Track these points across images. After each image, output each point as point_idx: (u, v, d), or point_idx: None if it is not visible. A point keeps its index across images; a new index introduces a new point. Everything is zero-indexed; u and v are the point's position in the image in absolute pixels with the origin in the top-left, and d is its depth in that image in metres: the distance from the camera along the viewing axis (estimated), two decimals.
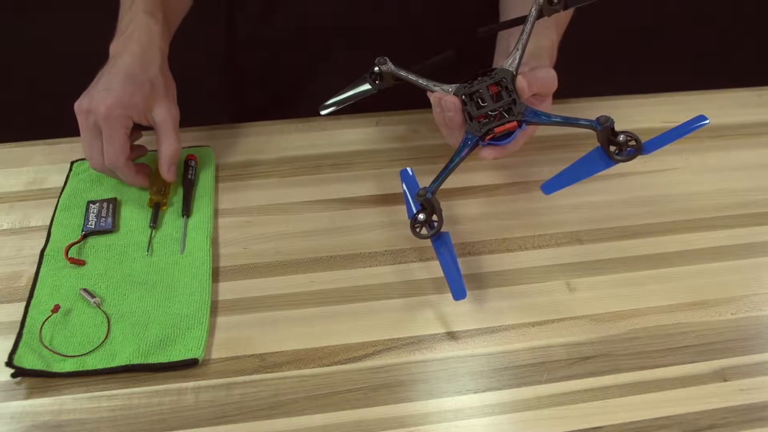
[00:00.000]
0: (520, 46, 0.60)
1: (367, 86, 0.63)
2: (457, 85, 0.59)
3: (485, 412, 0.50)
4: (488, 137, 0.59)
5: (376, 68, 0.61)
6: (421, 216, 0.57)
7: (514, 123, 0.58)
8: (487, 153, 0.60)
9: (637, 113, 0.79)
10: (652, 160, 0.72)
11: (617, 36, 1.50)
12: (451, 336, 0.55)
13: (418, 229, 0.57)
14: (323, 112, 0.64)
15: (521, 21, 0.61)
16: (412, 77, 0.61)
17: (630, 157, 0.55)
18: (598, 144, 0.56)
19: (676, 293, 0.59)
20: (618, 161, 0.56)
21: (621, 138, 0.55)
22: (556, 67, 0.66)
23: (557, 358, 0.53)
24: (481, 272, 0.60)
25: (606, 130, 0.55)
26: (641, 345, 0.54)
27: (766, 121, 0.79)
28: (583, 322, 0.56)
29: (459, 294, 0.54)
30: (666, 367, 0.53)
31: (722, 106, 0.80)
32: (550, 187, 0.57)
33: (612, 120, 0.55)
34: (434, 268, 0.60)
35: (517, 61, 0.59)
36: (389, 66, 0.61)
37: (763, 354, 0.54)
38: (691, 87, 0.83)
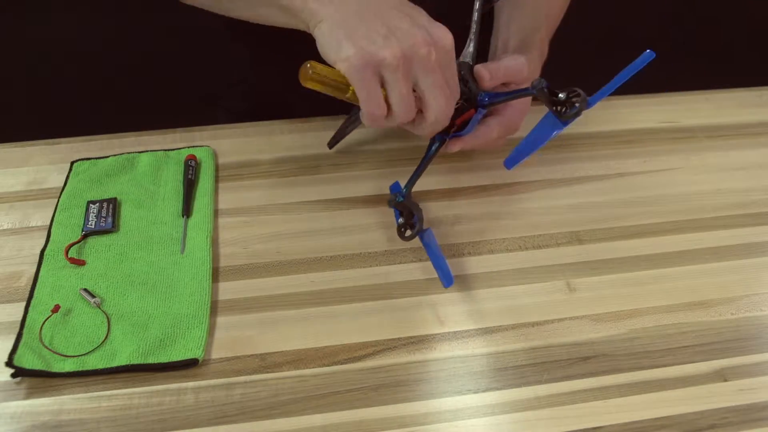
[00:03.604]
0: (473, 36, 0.61)
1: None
2: None
3: (485, 412, 0.50)
4: (452, 130, 0.60)
5: None
6: (401, 220, 0.59)
7: (471, 111, 0.59)
8: (452, 145, 0.61)
9: (637, 113, 0.79)
10: (653, 160, 0.73)
11: (617, 36, 1.50)
12: (451, 336, 0.55)
13: (403, 232, 0.59)
14: (332, 147, 0.70)
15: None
16: None
17: (577, 112, 0.54)
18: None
19: (676, 293, 0.59)
20: (566, 119, 0.55)
21: (561, 96, 0.55)
22: (556, 66, 0.66)
23: (557, 358, 0.53)
24: (481, 272, 0.60)
25: (542, 93, 0.55)
26: (641, 345, 0.54)
27: (766, 121, 0.79)
28: (583, 322, 0.56)
29: (447, 282, 0.55)
30: (666, 367, 0.53)
31: (722, 106, 0.80)
32: (511, 161, 0.58)
33: (544, 81, 0.55)
34: (432, 269, 0.60)
35: (471, 51, 0.60)
36: None
37: (763, 354, 0.54)
38: (691, 87, 0.83)
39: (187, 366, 0.52)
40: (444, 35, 0.52)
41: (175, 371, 0.52)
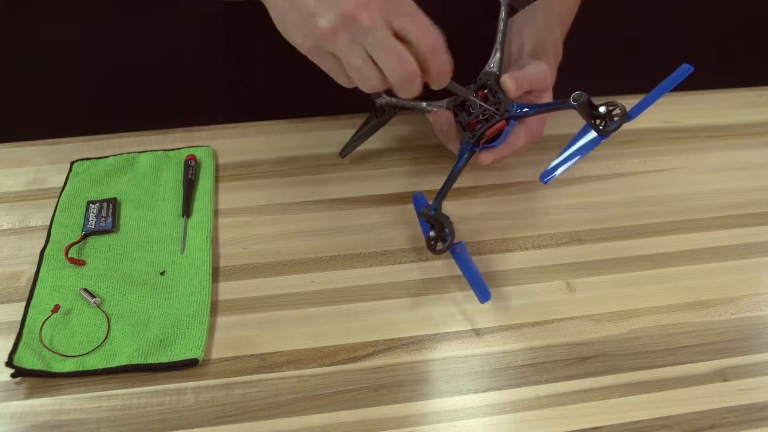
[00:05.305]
0: (498, 46, 0.60)
1: (374, 121, 0.66)
2: (448, 98, 0.60)
3: (485, 412, 0.50)
4: (482, 141, 0.60)
5: (377, 104, 0.64)
6: (432, 233, 0.58)
7: (503, 122, 0.58)
8: (483, 157, 0.60)
9: None
10: (652, 160, 0.73)
11: (617, 36, 1.51)
12: (451, 336, 0.55)
13: (434, 246, 0.58)
14: (345, 155, 0.69)
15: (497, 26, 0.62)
16: (407, 103, 0.62)
17: (617, 126, 0.54)
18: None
19: (676, 293, 0.59)
20: (607, 133, 0.55)
21: (602, 109, 0.55)
22: (560, 67, 0.66)
23: (557, 358, 0.53)
24: (482, 272, 0.60)
25: (583, 106, 0.55)
26: (641, 345, 0.54)
27: (766, 121, 0.79)
28: (583, 322, 0.56)
29: (484, 296, 0.54)
30: (666, 367, 0.53)
31: (722, 106, 0.80)
32: (548, 175, 0.57)
33: (586, 94, 0.54)
34: (434, 269, 0.60)
35: (497, 61, 0.60)
36: (384, 98, 0.63)
37: (763, 354, 0.54)
38: (691, 87, 0.83)
39: (187, 366, 0.52)
40: None
41: (175, 371, 0.52)
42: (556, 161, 0.57)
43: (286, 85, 0.86)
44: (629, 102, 0.56)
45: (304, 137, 0.75)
